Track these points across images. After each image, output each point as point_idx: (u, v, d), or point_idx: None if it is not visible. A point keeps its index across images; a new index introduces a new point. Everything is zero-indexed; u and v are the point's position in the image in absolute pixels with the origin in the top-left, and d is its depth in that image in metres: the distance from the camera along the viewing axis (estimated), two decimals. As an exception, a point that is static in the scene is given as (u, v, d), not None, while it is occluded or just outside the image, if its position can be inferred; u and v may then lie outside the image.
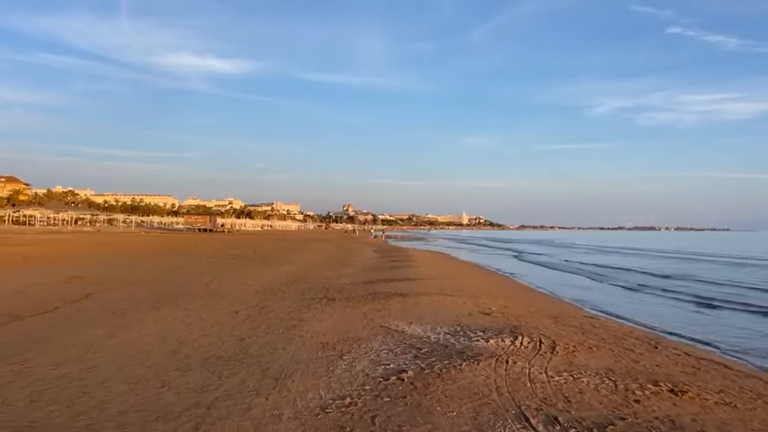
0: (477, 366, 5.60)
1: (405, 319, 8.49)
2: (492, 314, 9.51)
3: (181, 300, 9.95)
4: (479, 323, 8.49)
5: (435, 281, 14.90)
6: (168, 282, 13.07)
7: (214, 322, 7.85)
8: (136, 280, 13.13)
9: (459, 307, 10.19)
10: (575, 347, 6.98)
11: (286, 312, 8.88)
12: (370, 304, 9.99)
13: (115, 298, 10.00)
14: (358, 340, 6.83)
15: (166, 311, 8.61)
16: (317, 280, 14.49)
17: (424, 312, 9.28)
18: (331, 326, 7.81)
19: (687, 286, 18.05)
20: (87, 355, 5.71)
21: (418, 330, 7.64)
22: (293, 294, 11.32)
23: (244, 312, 8.78)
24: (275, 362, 5.65)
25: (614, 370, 5.91)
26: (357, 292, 11.93)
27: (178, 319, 8.00)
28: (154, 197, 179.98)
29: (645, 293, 16.18)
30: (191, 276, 14.44)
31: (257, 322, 7.94)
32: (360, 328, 7.73)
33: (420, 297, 11.12)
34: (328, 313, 8.93)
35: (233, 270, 16.81)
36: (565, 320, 9.71)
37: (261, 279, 14.22)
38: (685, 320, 11.46)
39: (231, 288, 12.00)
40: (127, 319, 7.89)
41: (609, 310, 12.75)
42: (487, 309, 10.17)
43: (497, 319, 9.00)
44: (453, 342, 6.88)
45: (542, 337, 7.51)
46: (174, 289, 11.52)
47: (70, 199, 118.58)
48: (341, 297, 10.93)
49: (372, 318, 8.57)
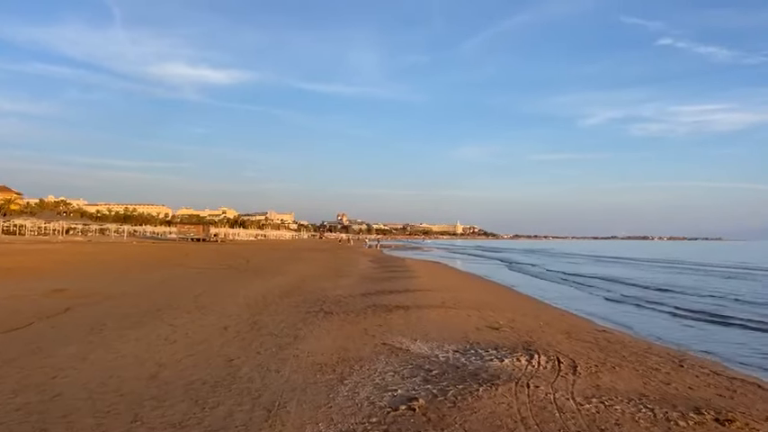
0: (496, 392, 4.96)
1: (409, 336, 7.85)
2: (501, 329, 8.89)
3: (167, 314, 9.25)
4: (489, 339, 7.86)
5: (436, 293, 14.26)
6: (155, 295, 12.36)
7: (201, 340, 7.18)
8: (121, 293, 12.40)
9: (465, 321, 9.56)
10: (596, 367, 6.37)
11: (280, 328, 8.21)
12: (371, 318, 9.34)
13: (96, 313, 9.29)
14: (360, 360, 6.18)
15: (150, 328, 7.92)
16: (313, 292, 13.82)
17: (428, 327, 8.64)
18: (329, 343, 7.16)
19: (690, 299, 17.53)
20: (53, 381, 5.03)
21: (424, 348, 7.00)
22: (288, 308, 10.65)
23: (234, 328, 8.10)
24: (268, 388, 4.99)
25: (647, 395, 5.30)
26: (355, 304, 11.28)
27: (162, 336, 7.31)
28: (147, 207, 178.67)
29: (647, 306, 15.62)
30: (180, 289, 13.73)
31: (248, 340, 7.27)
32: (361, 345, 7.08)
33: (422, 310, 10.48)
34: (326, 329, 8.27)
35: (224, 281, 16.10)
36: (578, 335, 9.11)
37: (253, 291, 13.53)
38: (698, 336, 10.90)
39: (222, 301, 11.31)
40: (105, 336, 7.19)
41: (620, 321, 12.18)
42: (495, 323, 9.55)
43: (507, 335, 8.38)
44: (465, 362, 6.25)
45: (560, 355, 6.90)
46: (161, 302, 10.82)
47: (62, 208, 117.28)
48: (338, 310, 10.27)
49: (374, 334, 7.92)
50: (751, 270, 34.15)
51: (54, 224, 73.09)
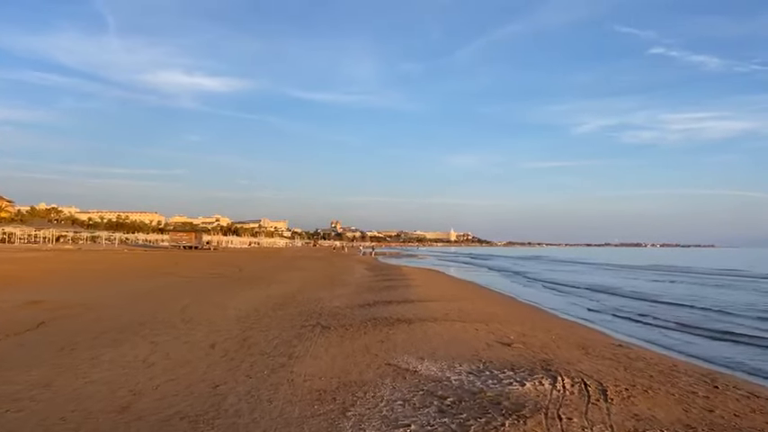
0: (525, 427, 4.26)
1: (415, 354, 7.14)
2: (513, 345, 8.20)
3: (149, 330, 8.48)
4: (503, 357, 7.17)
5: (438, 303, 13.56)
6: (140, 306, 11.56)
7: (184, 360, 6.43)
8: (103, 304, 11.61)
9: (473, 336, 8.86)
10: (627, 391, 5.69)
11: (273, 345, 7.47)
12: (372, 333, 8.62)
13: (72, 328, 8.51)
14: (363, 386, 5.46)
15: (128, 346, 7.16)
16: (309, 303, 13.08)
17: (435, 343, 7.93)
18: (328, 364, 6.43)
19: (693, 311, 16.93)
20: (4, 416, 4.28)
21: (434, 369, 6.30)
22: (281, 321, 9.91)
23: (222, 346, 7.35)
24: (258, 423, 4.26)
25: (693, 426, 4.62)
26: (354, 317, 10.55)
27: (140, 357, 6.55)
28: (140, 214, 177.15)
29: (652, 317, 14.99)
30: (166, 300, 12.93)
31: (237, 360, 6.53)
32: (363, 366, 6.36)
33: (426, 323, 9.77)
34: (323, 346, 7.54)
35: (215, 292, 15.31)
36: (595, 350, 8.44)
37: (245, 302, 12.76)
38: (713, 350, 10.26)
39: (210, 314, 10.55)
40: (76, 358, 6.43)
41: (631, 333, 11.54)
42: (505, 337, 8.87)
43: (521, 352, 7.69)
44: (482, 386, 5.54)
45: (583, 376, 6.22)
46: (145, 315, 10.04)
47: (53, 216, 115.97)
48: (337, 324, 9.54)
49: (376, 352, 7.20)
50: (743, 277, 33.71)
51: (44, 232, 71.79)
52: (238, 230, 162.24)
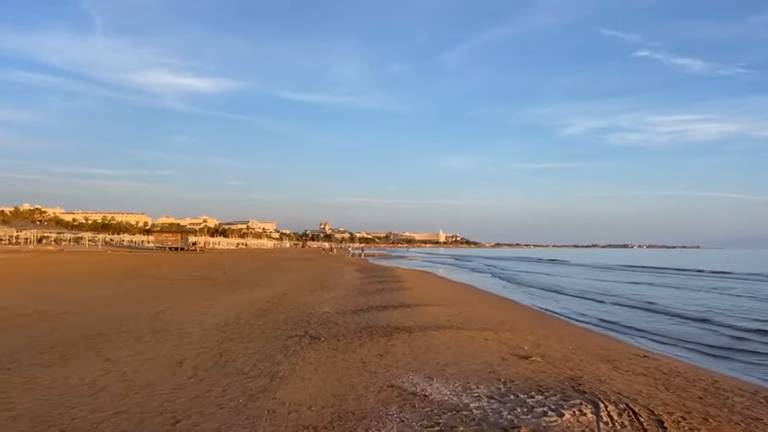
0: (586, 484, 3.19)
1: (421, 371, 6.05)
2: (531, 358, 7.14)
3: (109, 342, 7.29)
4: (524, 375, 6.11)
5: (437, 308, 12.48)
6: (107, 313, 10.33)
7: (142, 384, 5.26)
8: (64, 311, 10.36)
9: (483, 347, 7.79)
10: (685, 420, 4.66)
11: (253, 362, 6.32)
12: (368, 345, 7.51)
13: (16, 341, 7.28)
14: (363, 418, 4.35)
15: (77, 364, 5.97)
16: (296, 308, 11.92)
17: (442, 358, 6.85)
18: (318, 387, 5.31)
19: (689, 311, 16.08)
20: None
21: (446, 392, 5.21)
22: (264, 330, 8.76)
23: (192, 363, 6.19)
24: (224, 482, 3.14)
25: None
26: (347, 325, 9.42)
27: (88, 379, 5.37)
28: (126, 215, 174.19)
29: (660, 319, 14.09)
30: (140, 304, 11.69)
31: (208, 382, 5.38)
32: (361, 389, 5.24)
33: (428, 332, 8.68)
34: (313, 362, 6.41)
35: (194, 295, 14.07)
36: (621, 363, 7.43)
37: (226, 307, 11.58)
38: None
39: (185, 322, 9.36)
40: (7, 381, 5.22)
41: (650, 338, 10.57)
42: (519, 349, 7.82)
43: (542, 367, 6.63)
44: (511, 418, 4.46)
45: (627, 400, 5.17)
46: (109, 324, 8.83)
47: (37, 216, 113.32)
48: (327, 334, 8.41)
49: (375, 369, 6.09)
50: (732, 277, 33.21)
51: (25, 233, 69.48)
52: (226, 232, 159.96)
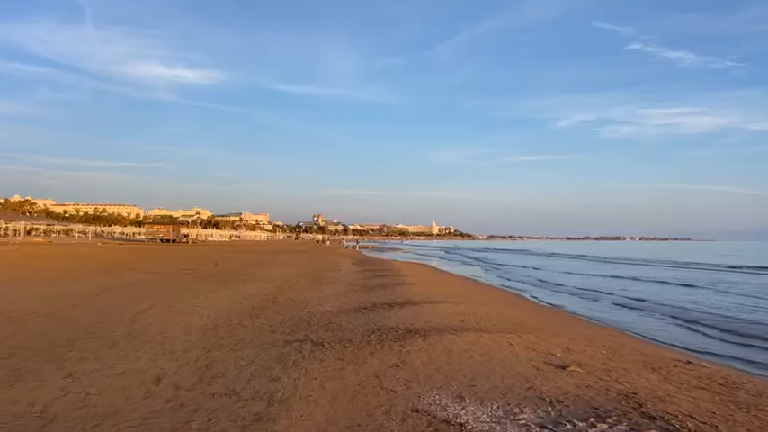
0: None
1: (447, 388, 5.04)
2: (569, 368, 6.16)
3: (76, 351, 6.21)
4: (570, 391, 5.12)
5: (446, 305, 11.48)
6: (82, 313, 9.23)
7: (106, 411, 4.20)
8: (36, 311, 9.25)
9: (510, 354, 6.79)
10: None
11: (246, 378, 5.28)
12: (380, 353, 6.48)
13: (-33, 349, 6.18)
14: (390, 464, 3.33)
15: (32, 381, 4.89)
16: (293, 306, 10.88)
17: (468, 369, 5.84)
18: (328, 413, 4.28)
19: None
20: None
21: (485, 419, 4.20)
22: (259, 333, 7.71)
23: (171, 380, 5.13)
24: None
25: None
26: (352, 327, 8.39)
27: (38, 403, 4.30)
28: (118, 207, 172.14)
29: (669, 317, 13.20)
30: (119, 303, 10.59)
31: (190, 408, 4.33)
32: (380, 417, 4.22)
33: (445, 336, 7.66)
34: (317, 377, 5.38)
35: (181, 292, 12.97)
36: (670, 373, 6.47)
37: (216, 306, 10.51)
38: None
39: (168, 324, 8.29)
40: (-68, 409, 4.16)
41: (674, 340, 9.66)
42: (551, 355, 6.85)
43: (586, 380, 5.65)
44: (580, 461, 3.46)
45: (705, 427, 4.20)
46: (80, 328, 7.74)
47: (27, 208, 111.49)
48: (331, 339, 7.38)
49: (393, 387, 5.07)
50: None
51: (14, 224, 67.74)
52: (219, 224, 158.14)
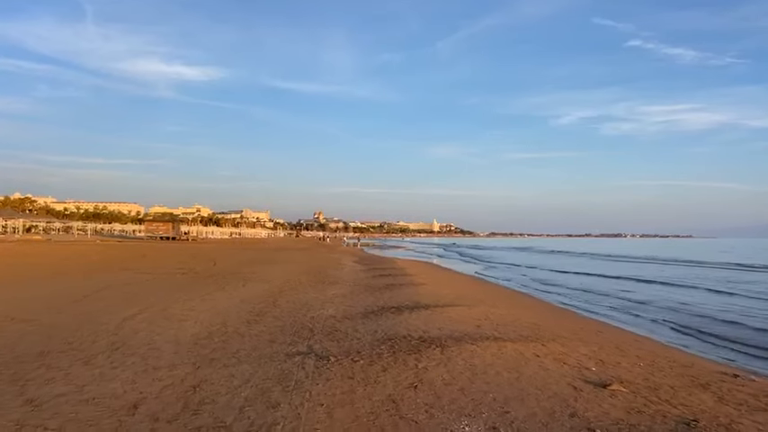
0: None
1: (477, 416, 4.26)
2: (610, 387, 5.36)
3: (46, 368, 5.42)
4: (620, 418, 4.33)
5: (458, 309, 10.69)
6: (62, 320, 8.44)
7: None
8: (14, 316, 8.48)
9: (540, 368, 6.00)
10: None
11: (239, 403, 4.49)
12: (393, 369, 5.69)
13: None
14: None
15: (-19, 412, 4.11)
16: (294, 310, 10.09)
17: (496, 389, 5.05)
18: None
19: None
20: None
21: (532, 462, 3.41)
22: (257, 344, 6.92)
23: (150, 407, 4.34)
24: None
25: None
26: (360, 336, 7.59)
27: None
28: (119, 204, 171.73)
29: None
30: (107, 307, 9.81)
31: (169, 447, 3.55)
32: (402, 459, 3.43)
33: (463, 346, 6.87)
34: (323, 402, 4.58)
35: (176, 294, 12.18)
36: (721, 390, 5.69)
37: (212, 310, 9.73)
38: None
39: (158, 332, 7.51)
40: None
41: (702, 348, 8.87)
42: (585, 369, 6.07)
43: (633, 402, 4.86)
44: None
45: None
46: (60, 337, 6.95)
47: (27, 206, 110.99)
48: (337, 351, 6.58)
49: (413, 415, 4.28)
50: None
51: (13, 222, 67.08)
52: (219, 221, 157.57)
